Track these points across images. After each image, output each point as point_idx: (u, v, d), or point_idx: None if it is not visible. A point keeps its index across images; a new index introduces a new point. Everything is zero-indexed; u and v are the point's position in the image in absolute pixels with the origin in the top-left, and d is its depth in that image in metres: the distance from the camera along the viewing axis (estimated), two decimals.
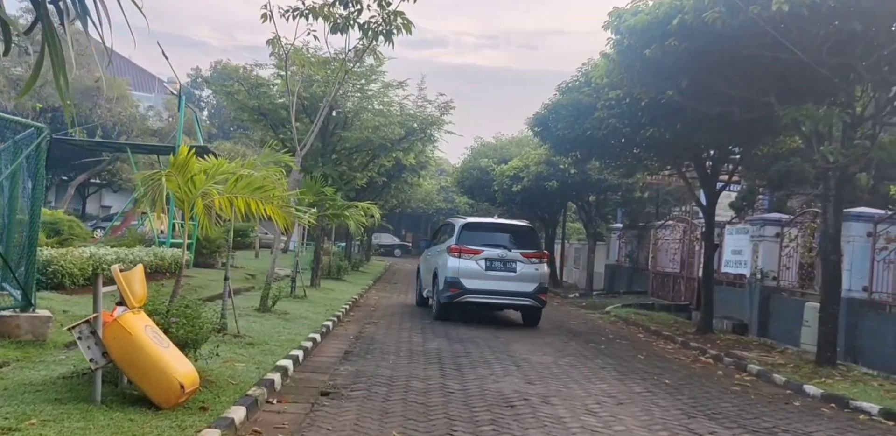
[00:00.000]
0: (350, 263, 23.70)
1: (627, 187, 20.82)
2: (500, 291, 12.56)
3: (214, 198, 6.72)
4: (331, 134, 15.96)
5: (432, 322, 12.73)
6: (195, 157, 7.08)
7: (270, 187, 6.94)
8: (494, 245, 12.83)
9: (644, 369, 9.12)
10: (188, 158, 6.03)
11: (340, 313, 12.19)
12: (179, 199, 6.38)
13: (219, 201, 6.80)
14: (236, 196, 6.79)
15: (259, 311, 10.78)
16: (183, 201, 6.36)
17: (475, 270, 12.57)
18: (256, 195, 6.86)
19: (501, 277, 12.59)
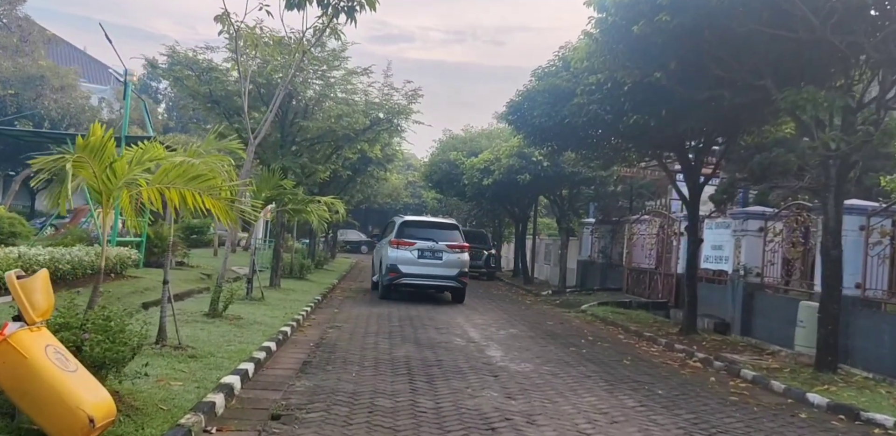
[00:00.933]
0: (314, 261, 22.64)
1: (602, 181, 20.15)
2: (429, 275, 15.80)
3: (142, 189, 5.71)
4: (290, 124, 14.92)
5: (401, 325, 11.84)
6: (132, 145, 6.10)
7: (210, 177, 5.95)
8: (426, 239, 15.93)
9: (633, 377, 8.35)
10: (105, 142, 5.01)
11: (300, 317, 11.22)
12: (96, 190, 5.36)
13: (147, 193, 5.79)
14: (168, 187, 5.79)
15: (208, 316, 9.76)
16: (101, 193, 5.34)
17: (410, 259, 15.67)
18: (193, 186, 5.87)
19: (430, 263, 15.76)
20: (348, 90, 14.09)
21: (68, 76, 26.32)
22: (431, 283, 16.05)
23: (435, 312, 14.33)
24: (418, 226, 16.57)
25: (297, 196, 13.24)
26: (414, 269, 15.66)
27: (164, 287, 7.69)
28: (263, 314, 10.88)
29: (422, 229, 16.30)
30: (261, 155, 14.23)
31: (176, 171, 5.66)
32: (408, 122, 14.79)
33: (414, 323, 12.30)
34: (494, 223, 33.36)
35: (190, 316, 9.78)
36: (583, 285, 23.00)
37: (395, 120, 14.66)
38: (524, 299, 19.49)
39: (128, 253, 14.54)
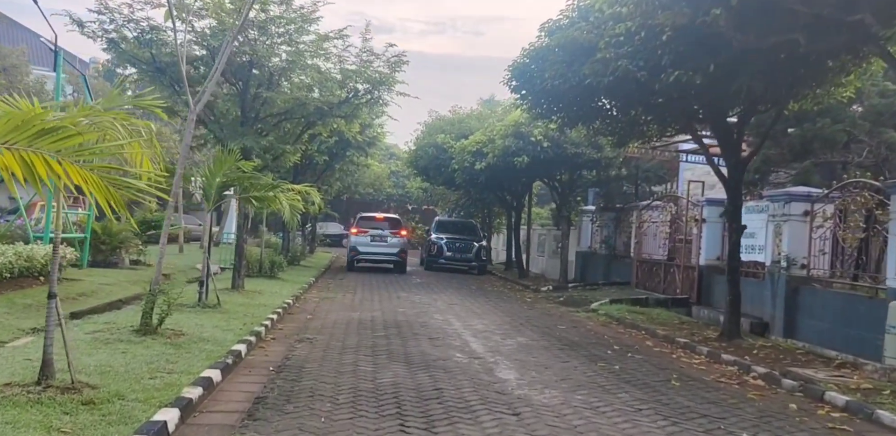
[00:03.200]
0: (287, 256, 20.44)
1: (607, 163, 18.12)
2: (378, 253, 23.03)
3: None
4: (252, 98, 12.71)
5: (387, 335, 9.75)
6: None
7: (70, 134, 3.79)
8: (376, 228, 23.06)
9: (695, 408, 6.33)
10: None
11: (262, 329, 9.09)
12: None
13: None
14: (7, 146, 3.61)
15: (139, 333, 7.59)
16: None
17: (364, 242, 22.90)
18: (44, 146, 3.69)
19: (379, 244, 22.90)
20: (320, 55, 11.90)
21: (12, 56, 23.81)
22: (380, 257, 23.35)
23: (427, 315, 12.26)
24: (371, 219, 23.99)
25: (261, 181, 11.06)
26: (368, 248, 23.10)
27: (50, 304, 5.51)
28: (215, 327, 8.73)
29: (374, 221, 23.67)
30: (217, 133, 12.03)
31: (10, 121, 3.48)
32: (391, 94, 12.68)
33: (402, 331, 10.22)
34: (483, 213, 31.29)
35: (114, 333, 7.62)
36: (584, 279, 21.04)
37: (377, 91, 12.52)
38: (523, 296, 17.48)
39: (61, 252, 12.29)
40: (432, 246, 25.86)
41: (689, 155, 19.06)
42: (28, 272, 11.38)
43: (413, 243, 43.94)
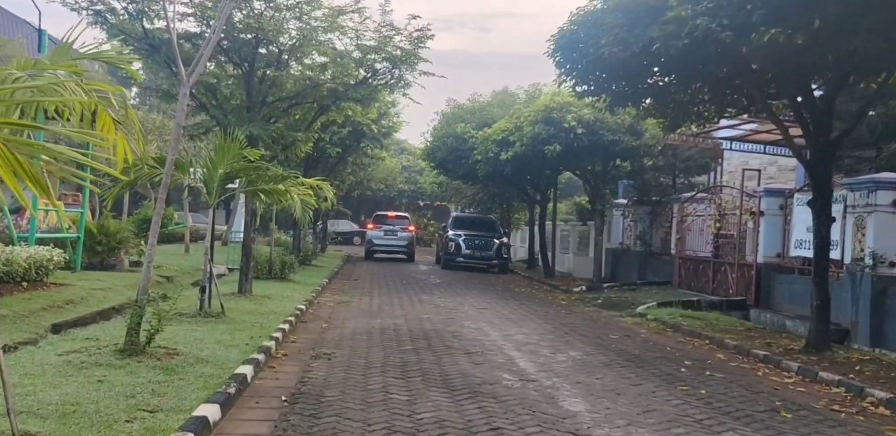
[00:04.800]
0: (298, 256, 19.09)
1: (645, 151, 16.64)
2: (390, 245, 27.05)
3: None
4: (259, 80, 11.32)
5: (416, 349, 8.36)
6: None
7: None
8: (388, 224, 27.39)
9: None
10: None
11: (272, 343, 7.71)
12: None
13: None
14: None
15: (123, 354, 6.22)
16: None
17: (379, 235, 27.06)
18: None
19: (391, 238, 26.99)
20: (335, 29, 10.47)
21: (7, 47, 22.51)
22: (392, 249, 27.39)
23: (456, 323, 10.85)
24: (384, 217, 28.10)
25: (269, 172, 9.67)
26: (382, 241, 27.25)
27: None
28: (216, 342, 7.36)
29: (387, 218, 27.96)
30: (220, 120, 10.65)
31: None
32: (413, 73, 11.26)
33: (433, 343, 8.82)
34: (503, 208, 29.84)
35: (93, 354, 6.25)
36: (616, 278, 19.57)
37: (398, 70, 11.08)
38: (556, 298, 16.04)
39: (47, 254, 10.98)
40: (449, 243, 24.44)
41: (734, 142, 17.56)
42: (8, 277, 10.06)
43: (426, 241, 42.74)
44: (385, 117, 19.38)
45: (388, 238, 26.94)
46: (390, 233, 26.95)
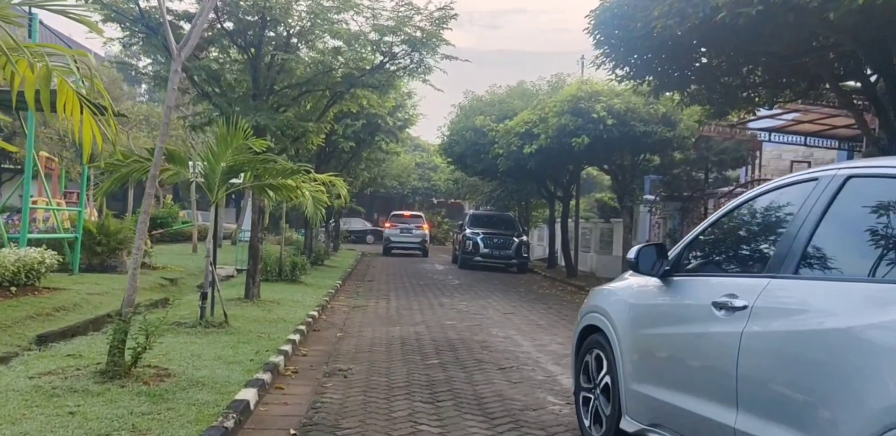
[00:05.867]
0: (310, 256, 18.19)
1: (679, 143, 15.59)
2: (406, 242, 29.39)
3: None
4: (267, 66, 10.38)
5: (442, 363, 7.40)
6: None
7: None
8: (404, 223, 29.96)
9: None
10: None
11: (281, 357, 6.78)
12: None
13: None
14: None
15: (103, 376, 5.29)
16: None
17: (396, 233, 29.44)
18: None
19: (406, 235, 29.40)
20: (349, 8, 9.50)
21: None
22: (407, 246, 29.50)
23: (483, 330, 9.89)
24: (399, 216, 30.72)
25: (277, 166, 8.72)
26: (398, 238, 29.43)
27: None
28: (216, 358, 6.43)
29: (402, 217, 30.51)
30: (224, 109, 9.73)
31: None
32: (435, 57, 10.27)
33: (461, 356, 7.87)
34: (521, 205, 28.84)
35: (71, 377, 5.33)
36: None
37: (419, 54, 10.11)
38: (581, 300, 15.03)
39: (38, 256, 10.11)
40: (467, 242, 23.51)
41: (773, 134, 16.47)
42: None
43: (440, 239, 41.81)
44: (401, 109, 18.41)
45: (404, 236, 29.30)
46: (406, 231, 29.38)
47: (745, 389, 3.03)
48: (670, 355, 3.85)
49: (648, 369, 3.98)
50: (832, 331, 2.63)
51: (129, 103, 25.20)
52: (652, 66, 8.84)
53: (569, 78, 20.97)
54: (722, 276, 3.70)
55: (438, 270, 22.17)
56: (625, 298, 4.40)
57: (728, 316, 3.23)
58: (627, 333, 4.23)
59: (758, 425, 2.91)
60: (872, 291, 2.63)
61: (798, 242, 3.09)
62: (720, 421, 3.15)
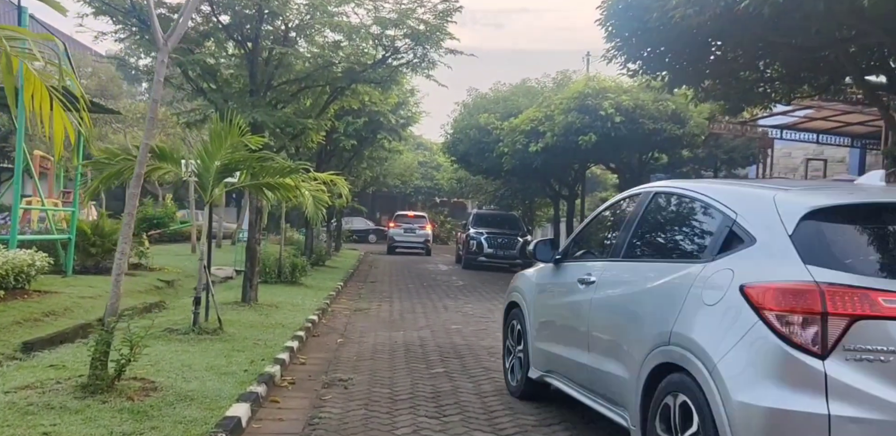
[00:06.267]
0: (310, 257, 17.82)
1: (689, 141, 15.21)
2: (409, 241, 29.91)
3: None
4: (265, 61, 10.01)
5: (448, 371, 7.02)
6: None
7: None
8: (407, 223, 30.47)
9: None
10: None
11: (277, 367, 6.40)
12: None
13: None
14: None
15: (85, 390, 4.92)
16: None
17: (400, 233, 29.92)
18: None
19: (409, 235, 29.98)
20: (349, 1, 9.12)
21: None
22: (411, 245, 29.84)
23: (490, 335, 9.49)
24: (404, 216, 31.33)
25: (274, 164, 8.35)
26: (402, 238, 29.79)
27: None
28: (208, 368, 6.05)
29: (406, 217, 31.11)
30: (220, 105, 9.37)
31: None
32: (438, 51, 9.89)
33: (467, 363, 7.50)
34: (525, 205, 28.45)
35: (49, 391, 4.96)
36: None
37: (422, 48, 9.72)
38: None
39: (28, 258, 9.76)
40: (471, 242, 23.14)
41: (784, 131, 16.08)
42: None
43: (443, 238, 41.41)
44: (404, 107, 18.02)
45: (408, 235, 30.04)
46: (409, 230, 30.13)
47: (592, 337, 4.51)
48: (555, 319, 5.32)
49: (544, 331, 5.45)
50: (635, 292, 4.10)
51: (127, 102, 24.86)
52: (665, 60, 8.45)
53: (574, 75, 20.60)
54: (586, 261, 5.11)
55: (442, 271, 21.80)
56: (532, 280, 5.92)
57: (585, 288, 4.68)
58: (532, 305, 5.75)
59: (597, 359, 4.40)
60: (656, 267, 4.12)
61: (625, 236, 4.56)
62: (580, 361, 4.66)
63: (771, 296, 3.02)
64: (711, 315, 3.31)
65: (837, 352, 2.87)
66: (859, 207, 3.47)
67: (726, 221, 3.61)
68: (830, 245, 3.18)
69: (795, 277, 3.02)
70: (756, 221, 3.43)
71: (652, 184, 4.85)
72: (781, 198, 3.46)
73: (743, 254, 3.39)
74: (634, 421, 3.79)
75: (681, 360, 3.37)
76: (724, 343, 3.14)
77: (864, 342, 2.87)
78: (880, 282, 2.97)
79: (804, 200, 3.39)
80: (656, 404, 3.54)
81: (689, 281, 3.56)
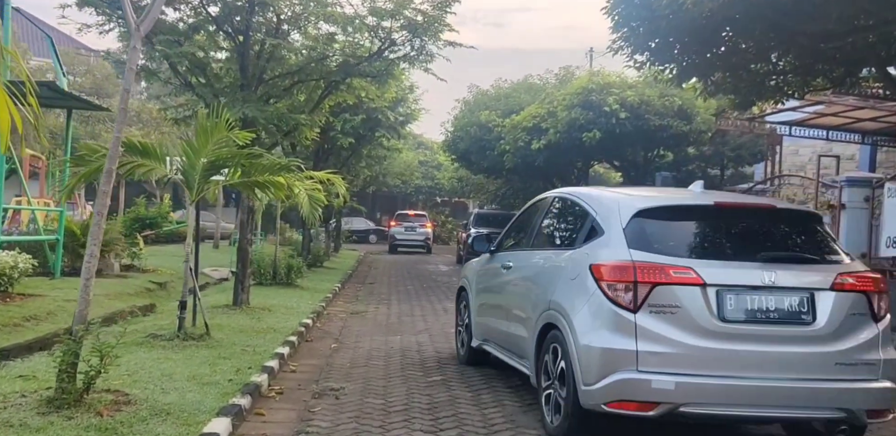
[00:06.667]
0: (307, 258, 17.43)
1: (695, 138, 14.81)
2: (410, 240, 30.24)
3: None
4: (256, 55, 9.63)
5: (446, 378, 6.62)
6: None
7: None
8: (408, 221, 30.89)
9: None
10: None
11: (265, 377, 6.00)
12: None
13: None
14: None
15: (50, 405, 4.52)
16: None
17: (401, 231, 30.29)
18: None
19: (410, 233, 30.23)
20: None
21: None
22: (412, 243, 30.10)
23: None
24: (405, 216, 31.51)
25: (264, 161, 7.96)
26: (403, 236, 30.11)
27: None
28: (190, 378, 5.66)
29: (407, 216, 31.43)
30: (208, 100, 8.98)
31: None
32: (437, 43, 9.48)
33: (465, 371, 7.09)
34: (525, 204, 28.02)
35: (14, 404, 4.57)
36: None
37: (419, 40, 9.31)
38: None
39: (11, 260, 9.39)
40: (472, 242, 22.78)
41: (793, 127, 15.65)
42: None
43: (443, 238, 40.98)
44: (402, 104, 17.62)
45: (409, 233, 30.52)
46: (410, 229, 30.58)
47: (509, 310, 5.86)
48: (488, 298, 6.64)
49: (482, 308, 6.75)
50: (533, 273, 5.47)
51: None
52: (674, 51, 8.05)
53: (577, 70, 20.21)
54: (509, 251, 6.42)
55: (443, 272, 21.39)
56: (475, 268, 7.27)
57: (506, 272, 6.02)
58: (473, 288, 7.07)
59: (512, 326, 5.68)
60: (547, 253, 5.43)
61: (533, 230, 5.94)
62: (501, 329, 6.01)
63: (605, 271, 4.35)
64: (572, 286, 4.66)
65: (644, 308, 4.18)
66: (668, 207, 4.87)
67: (590, 219, 4.95)
68: (646, 235, 4.47)
69: (621, 257, 4.32)
70: (605, 219, 4.73)
71: (554, 190, 6.29)
72: (622, 201, 4.80)
73: (595, 242, 4.70)
74: (532, 368, 5.20)
75: (555, 320, 4.74)
76: (577, 305, 4.51)
77: (660, 301, 4.19)
78: (672, 260, 4.28)
79: (635, 203, 4.71)
80: (543, 353, 4.91)
81: (563, 263, 4.99)
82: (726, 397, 4.12)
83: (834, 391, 4.20)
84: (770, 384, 4.12)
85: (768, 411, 4.20)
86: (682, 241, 4.59)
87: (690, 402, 4.09)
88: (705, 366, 4.12)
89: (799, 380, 4.17)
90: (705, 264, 4.27)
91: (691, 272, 4.21)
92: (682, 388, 4.06)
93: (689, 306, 4.16)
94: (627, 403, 4.15)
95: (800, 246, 4.82)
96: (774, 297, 4.24)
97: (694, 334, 4.13)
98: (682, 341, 4.12)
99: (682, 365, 4.12)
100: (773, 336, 4.22)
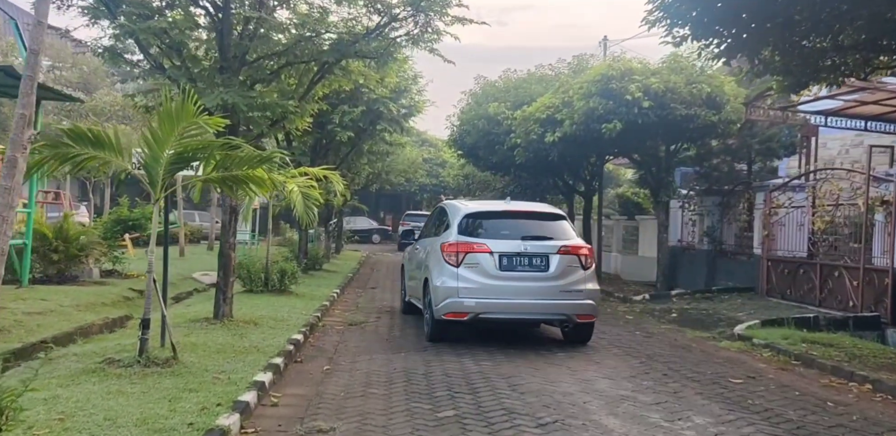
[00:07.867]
0: (304, 261, 16.29)
1: (724, 129, 13.61)
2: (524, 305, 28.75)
3: None
4: (239, 35, 8.47)
5: (459, 414, 5.46)
6: None
7: None
8: (416, 221, 29.61)
9: None
10: None
11: (236, 418, 4.84)
12: None
13: None
14: None
15: None
16: None
17: None
18: None
19: None
20: None
21: None
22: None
23: (511, 364, 7.90)
24: (415, 215, 34.88)
25: (241, 152, 6.78)
26: None
27: None
28: (138, 422, 4.50)
29: (415, 217, 33.91)
30: (183, 83, 7.83)
31: None
32: (444, 19, 8.29)
33: (482, 401, 5.93)
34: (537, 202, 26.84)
35: None
36: (674, 281, 16.59)
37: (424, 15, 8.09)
38: (616, 310, 13.07)
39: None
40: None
41: (829, 118, 14.45)
42: None
43: None
44: (405, 95, 16.44)
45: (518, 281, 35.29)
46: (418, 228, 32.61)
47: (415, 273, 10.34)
48: (410, 268, 11.00)
49: (408, 276, 11.07)
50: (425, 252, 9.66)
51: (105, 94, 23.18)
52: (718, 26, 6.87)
53: (592, 59, 19.00)
54: (422, 239, 10.63)
55: None
56: (408, 251, 11.67)
57: (418, 251, 10.31)
58: (406, 264, 11.52)
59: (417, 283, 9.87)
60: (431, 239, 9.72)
61: (431, 226, 10.44)
62: (412, 285, 10.56)
63: (445, 247, 8.49)
64: (434, 256, 8.82)
65: (462, 265, 8.32)
66: (483, 212, 9.14)
67: (448, 219, 9.18)
68: (469, 227, 8.74)
69: (453, 240, 8.51)
70: (453, 219, 8.96)
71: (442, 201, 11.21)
72: (461, 208, 9.17)
73: (446, 232, 8.87)
74: (422, 303, 9.32)
75: (427, 274, 8.88)
76: (434, 266, 8.69)
77: (470, 261, 8.33)
78: (478, 240, 8.50)
79: (467, 210, 9.06)
80: (425, 295, 9.01)
81: (434, 244, 9.00)
82: (503, 309, 8.31)
83: (560, 305, 8.37)
84: (526, 302, 8.34)
85: (525, 316, 8.59)
86: (486, 229, 8.75)
87: (484, 312, 8.25)
88: (492, 293, 8.25)
89: (541, 299, 8.35)
90: (493, 242, 8.45)
91: (485, 246, 8.40)
92: (479, 304, 8.21)
93: (484, 263, 8.33)
94: (454, 314, 8.24)
95: (546, 231, 8.76)
96: (528, 257, 8.37)
97: (486, 277, 8.28)
98: (480, 281, 8.28)
99: (479, 293, 8.23)
100: (527, 277, 8.34)
